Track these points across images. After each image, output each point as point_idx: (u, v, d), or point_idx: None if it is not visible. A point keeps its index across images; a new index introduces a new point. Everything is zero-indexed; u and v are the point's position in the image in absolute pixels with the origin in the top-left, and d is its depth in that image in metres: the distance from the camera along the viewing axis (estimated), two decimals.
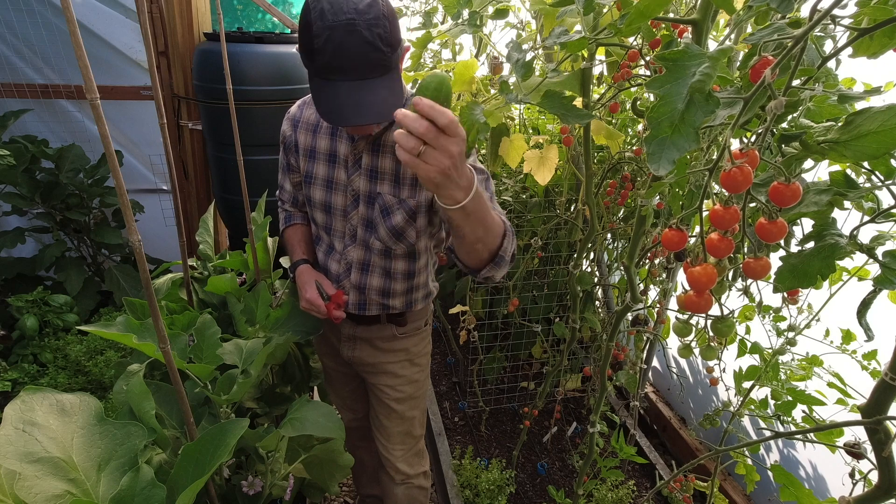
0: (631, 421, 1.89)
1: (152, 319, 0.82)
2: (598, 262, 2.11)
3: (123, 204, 0.73)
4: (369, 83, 0.98)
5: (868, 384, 0.82)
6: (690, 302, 0.63)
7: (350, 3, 0.95)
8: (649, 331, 1.87)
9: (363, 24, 0.94)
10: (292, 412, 1.16)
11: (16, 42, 2.37)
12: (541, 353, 2.19)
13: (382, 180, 1.21)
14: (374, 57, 0.97)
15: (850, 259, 0.68)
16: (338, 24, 0.94)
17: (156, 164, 2.73)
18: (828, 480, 1.61)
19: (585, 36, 0.81)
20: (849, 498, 0.70)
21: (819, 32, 0.80)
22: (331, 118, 1.01)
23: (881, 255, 0.62)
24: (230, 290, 1.48)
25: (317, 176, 1.27)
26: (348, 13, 0.94)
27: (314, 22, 0.95)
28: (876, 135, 0.54)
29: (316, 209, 1.31)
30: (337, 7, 0.94)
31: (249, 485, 1.17)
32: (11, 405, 0.83)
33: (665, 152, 0.53)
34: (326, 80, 0.99)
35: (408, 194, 1.21)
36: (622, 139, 1.57)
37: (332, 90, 0.99)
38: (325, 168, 1.26)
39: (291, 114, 1.33)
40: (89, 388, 1.97)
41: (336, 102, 1.00)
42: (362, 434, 1.67)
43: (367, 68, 0.98)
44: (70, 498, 0.77)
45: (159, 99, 1.07)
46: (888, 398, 0.62)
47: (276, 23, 2.78)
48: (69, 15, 0.61)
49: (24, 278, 2.42)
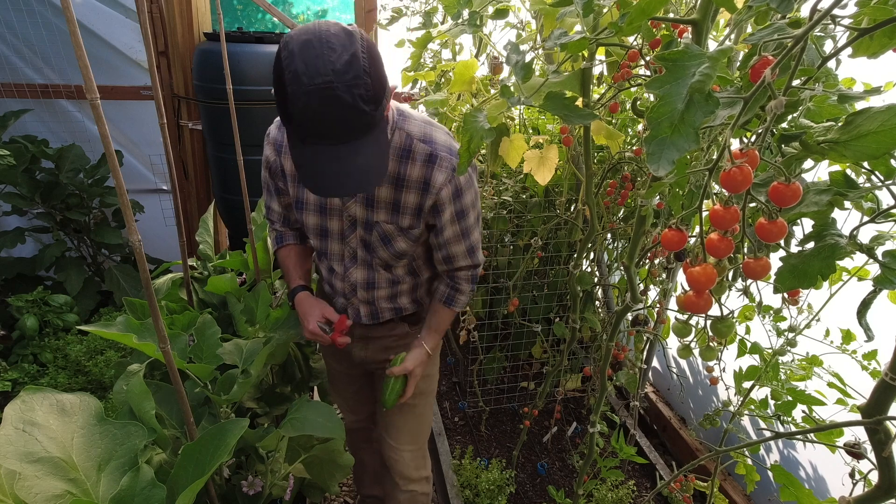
0: (631, 421, 1.89)
1: (152, 319, 0.82)
2: (598, 262, 2.11)
3: (123, 204, 0.73)
4: (351, 145, 0.92)
5: (868, 384, 0.82)
6: (690, 302, 0.63)
7: (327, 64, 0.86)
8: (649, 331, 1.87)
9: (342, 87, 0.86)
10: (292, 412, 1.16)
11: (16, 42, 2.37)
12: (541, 353, 2.19)
13: (379, 208, 1.16)
14: (355, 120, 0.90)
15: (850, 259, 0.68)
16: (314, 88, 0.86)
17: (156, 164, 2.73)
18: (828, 480, 1.61)
19: (586, 36, 0.81)
20: (849, 498, 0.70)
21: (819, 32, 0.80)
22: (311, 186, 0.96)
23: (881, 255, 0.62)
24: (230, 290, 1.48)
25: (308, 201, 1.21)
26: (325, 75, 0.85)
27: (288, 85, 0.87)
28: (876, 135, 0.54)
29: (311, 233, 1.26)
30: (313, 69, 0.86)
31: (249, 485, 1.17)
32: (11, 405, 0.83)
33: (665, 152, 0.53)
34: (305, 143, 0.93)
35: (410, 223, 1.17)
36: (622, 139, 1.57)
37: (311, 154, 0.93)
38: None
39: (272, 137, 1.22)
40: (89, 388, 1.97)
41: (316, 169, 0.94)
42: (365, 436, 1.66)
43: (348, 132, 0.91)
44: (70, 498, 0.77)
45: (159, 99, 1.08)
46: (888, 398, 0.62)
47: (276, 23, 2.78)
48: (69, 15, 0.61)
49: (24, 278, 2.42)
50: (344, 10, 2.89)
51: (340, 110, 0.88)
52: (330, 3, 2.85)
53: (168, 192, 2.80)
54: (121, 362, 1.35)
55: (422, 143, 1.11)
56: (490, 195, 1.81)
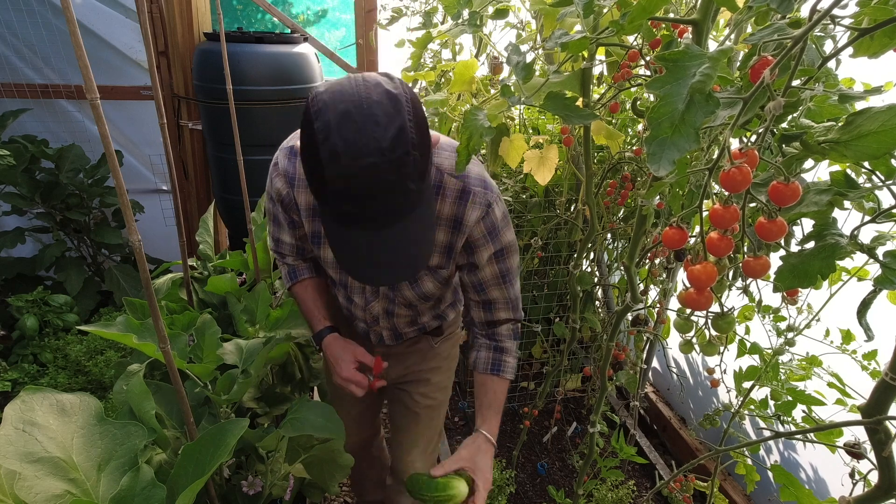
0: (631, 421, 1.89)
1: (152, 319, 0.82)
2: (598, 262, 2.11)
3: (123, 204, 0.73)
4: (396, 227, 0.81)
5: (868, 384, 0.82)
6: (691, 299, 0.63)
7: (371, 142, 0.73)
8: (649, 331, 1.87)
9: (388, 168, 0.74)
10: (292, 412, 1.16)
11: (16, 42, 2.37)
12: (541, 353, 2.19)
13: None
14: (401, 201, 0.78)
15: (850, 259, 0.68)
16: (356, 171, 0.74)
17: (156, 164, 2.73)
18: (828, 480, 1.61)
19: (587, 36, 0.81)
20: (849, 498, 0.70)
21: (819, 32, 0.80)
22: (352, 274, 0.87)
23: (881, 255, 0.62)
24: (230, 290, 1.48)
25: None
26: (369, 155, 0.73)
27: (326, 165, 0.74)
28: (876, 135, 0.54)
29: (329, 266, 1.14)
30: (354, 148, 0.73)
31: (249, 485, 1.17)
32: (11, 405, 0.83)
33: (665, 152, 0.53)
34: (341, 225, 0.82)
35: (439, 262, 1.06)
36: (622, 139, 1.57)
37: (349, 238, 0.83)
38: None
39: (283, 169, 1.07)
40: (89, 388, 1.97)
41: (358, 256, 0.84)
42: (367, 448, 1.63)
43: (393, 215, 0.80)
44: (70, 498, 0.77)
45: (159, 99, 1.08)
46: (888, 398, 0.62)
47: (276, 23, 2.78)
48: (69, 15, 0.61)
49: (24, 278, 2.42)
50: (344, 10, 2.89)
51: (385, 194, 0.76)
52: (330, 2, 2.85)
53: (168, 192, 2.80)
54: (121, 362, 1.35)
55: (452, 177, 0.99)
56: None
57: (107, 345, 2.09)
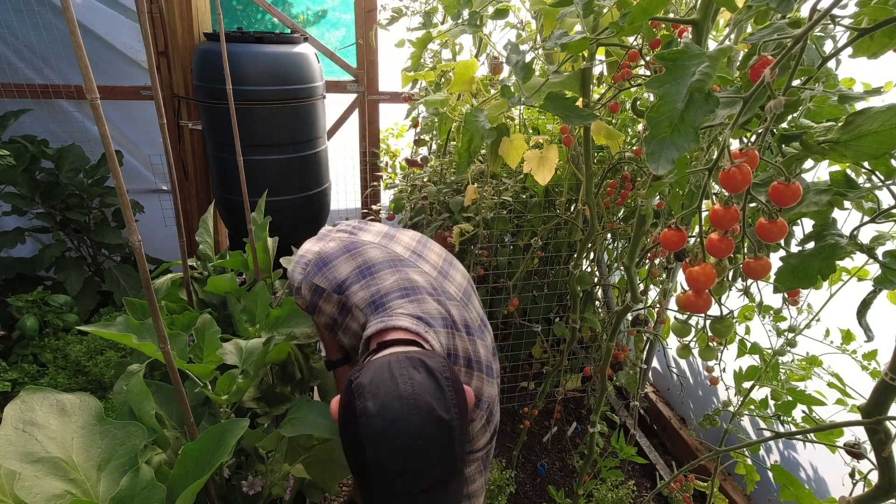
0: (631, 421, 1.89)
1: (152, 319, 0.82)
2: (598, 262, 2.11)
3: (123, 204, 0.73)
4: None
5: (868, 384, 0.82)
6: (689, 302, 0.63)
7: (424, 480, 0.72)
8: (649, 331, 1.87)
9: (440, 493, 0.74)
10: (292, 412, 1.16)
11: (16, 42, 2.37)
12: (541, 353, 2.19)
13: None
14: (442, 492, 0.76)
15: (850, 259, 0.68)
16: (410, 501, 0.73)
17: (156, 164, 2.74)
18: (828, 480, 1.61)
19: (587, 36, 0.81)
20: (849, 498, 0.70)
21: (819, 32, 0.80)
22: None
23: (881, 256, 0.61)
24: (230, 290, 1.48)
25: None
26: (425, 488, 0.72)
27: (376, 492, 0.73)
28: (876, 135, 0.54)
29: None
30: (412, 483, 0.72)
31: (249, 485, 1.17)
32: (11, 405, 0.83)
33: (665, 152, 0.53)
34: None
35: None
36: (622, 139, 1.57)
37: None
38: None
39: (320, 287, 1.06)
40: (89, 388, 1.97)
41: None
42: None
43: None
44: (70, 498, 0.77)
45: (159, 99, 1.08)
46: (888, 398, 0.62)
47: (276, 23, 2.78)
48: (69, 15, 0.61)
49: (24, 278, 2.42)
50: (344, 10, 2.89)
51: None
52: (330, 2, 2.85)
53: (168, 192, 2.80)
54: (121, 362, 1.35)
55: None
56: (490, 195, 1.81)
57: (107, 345, 2.09)
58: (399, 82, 1.79)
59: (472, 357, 1.02)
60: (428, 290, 1.03)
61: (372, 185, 2.86)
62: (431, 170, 2.15)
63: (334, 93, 2.84)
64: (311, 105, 2.49)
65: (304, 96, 2.43)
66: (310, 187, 2.63)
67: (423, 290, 1.02)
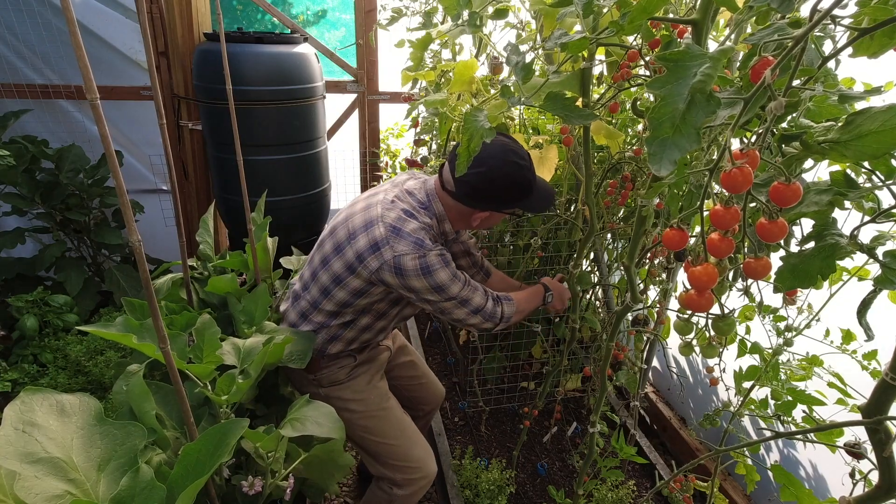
0: (631, 421, 1.89)
1: (152, 319, 0.82)
2: (598, 262, 2.11)
3: (123, 204, 0.73)
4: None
5: (868, 384, 0.82)
6: (691, 301, 0.63)
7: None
8: (649, 331, 1.87)
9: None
10: (292, 412, 1.16)
11: (16, 42, 2.37)
12: (541, 353, 2.19)
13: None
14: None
15: (850, 259, 0.68)
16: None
17: (156, 164, 2.73)
18: (828, 480, 1.61)
19: (586, 36, 0.81)
20: (849, 498, 0.70)
21: (819, 32, 0.80)
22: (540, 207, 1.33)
23: (881, 255, 0.62)
24: (230, 290, 1.47)
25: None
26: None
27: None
28: (876, 134, 0.54)
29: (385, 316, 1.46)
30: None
31: (249, 485, 1.16)
32: (11, 405, 0.83)
33: (666, 153, 0.53)
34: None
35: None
36: (622, 139, 1.57)
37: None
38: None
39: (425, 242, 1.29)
40: (89, 389, 1.97)
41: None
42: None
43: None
44: (70, 498, 0.77)
45: (159, 99, 1.07)
46: (888, 398, 0.62)
47: (276, 23, 2.78)
48: (69, 15, 0.61)
49: (24, 278, 2.42)
50: (344, 10, 2.89)
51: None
52: (330, 2, 2.85)
53: (168, 192, 2.80)
54: (121, 362, 1.35)
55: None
56: None
57: (107, 345, 2.09)
58: (399, 82, 1.79)
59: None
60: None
61: (372, 185, 2.86)
62: (431, 170, 2.15)
63: (334, 93, 2.84)
64: (311, 105, 2.49)
65: (304, 96, 2.43)
66: (310, 187, 2.63)
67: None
